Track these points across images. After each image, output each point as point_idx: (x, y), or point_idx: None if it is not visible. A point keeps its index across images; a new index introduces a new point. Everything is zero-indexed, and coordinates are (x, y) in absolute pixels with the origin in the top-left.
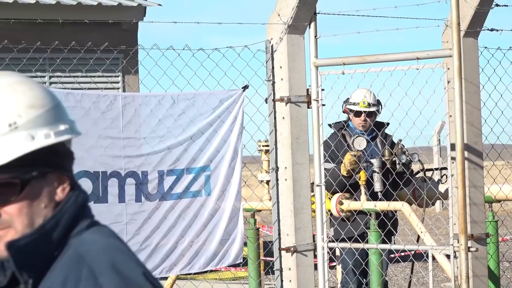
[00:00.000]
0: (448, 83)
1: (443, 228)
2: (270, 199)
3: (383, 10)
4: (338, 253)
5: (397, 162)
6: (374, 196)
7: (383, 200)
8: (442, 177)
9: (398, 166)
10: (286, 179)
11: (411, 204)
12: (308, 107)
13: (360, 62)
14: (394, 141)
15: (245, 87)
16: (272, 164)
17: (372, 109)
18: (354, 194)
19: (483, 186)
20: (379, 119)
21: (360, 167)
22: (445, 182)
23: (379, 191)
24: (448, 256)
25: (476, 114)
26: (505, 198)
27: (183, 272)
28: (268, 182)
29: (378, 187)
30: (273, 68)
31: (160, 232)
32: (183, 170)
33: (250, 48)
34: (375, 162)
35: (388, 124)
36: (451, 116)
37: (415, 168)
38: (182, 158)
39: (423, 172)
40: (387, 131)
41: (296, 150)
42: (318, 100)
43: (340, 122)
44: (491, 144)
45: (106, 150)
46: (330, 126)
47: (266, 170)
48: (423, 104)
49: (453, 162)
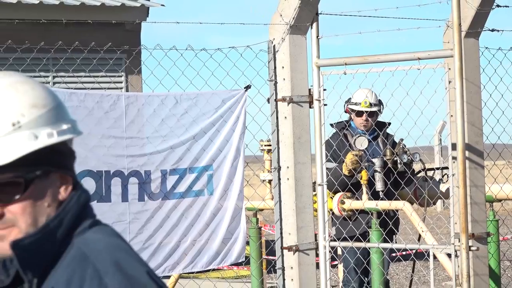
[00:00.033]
0: (449, 83)
1: (444, 227)
2: (272, 198)
3: (384, 10)
4: (339, 252)
5: (398, 162)
6: (376, 196)
7: (385, 200)
8: (443, 176)
9: (400, 166)
10: (288, 179)
11: (412, 203)
12: (310, 107)
13: (361, 62)
14: (396, 140)
15: (247, 87)
16: (274, 163)
17: (374, 109)
18: (355, 193)
19: (484, 185)
20: (381, 119)
21: (362, 167)
22: (446, 182)
23: (381, 191)
24: (449, 255)
25: (477, 114)
26: (506, 197)
27: (186, 270)
28: (270, 182)
29: (379, 186)
30: (275, 68)
31: (163, 231)
32: (186, 170)
33: (253, 48)
34: (377, 162)
35: (389, 124)
36: (452, 116)
37: (417, 167)
38: (185, 157)
39: (424, 172)
40: (389, 130)
41: (298, 150)
42: (320, 100)
43: (342, 122)
44: (492, 144)
45: (109, 149)
46: (332, 126)
47: (268, 170)
48: (424, 104)
49: (454, 162)
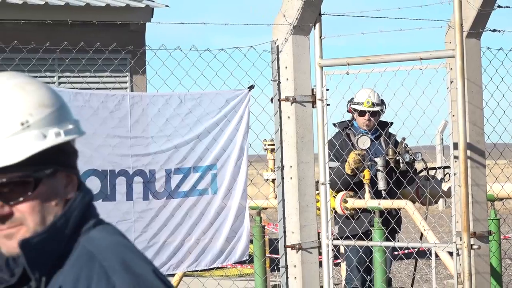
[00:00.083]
0: (451, 83)
1: (446, 226)
2: (276, 197)
3: (387, 11)
4: (342, 250)
5: (400, 161)
6: (378, 195)
7: (387, 199)
8: (445, 175)
9: (402, 165)
10: (291, 178)
11: (414, 202)
12: (313, 107)
13: (364, 62)
14: (398, 140)
15: (251, 87)
16: (278, 162)
17: (376, 108)
18: (358, 192)
19: (486, 184)
20: (383, 119)
21: (364, 166)
22: (448, 181)
23: (383, 190)
24: (451, 254)
25: (479, 113)
26: (507, 196)
27: (190, 269)
28: (273, 181)
29: (382, 185)
30: (278, 68)
31: (167, 229)
32: (190, 169)
33: (256, 48)
34: (379, 161)
35: (391, 123)
36: (454, 115)
37: (419, 166)
38: (189, 157)
39: (426, 171)
40: (391, 130)
41: (301, 149)
42: (323, 100)
43: (345, 121)
44: (493, 143)
45: (114, 149)
46: (334, 125)
47: (272, 169)
48: (426, 103)
49: (456, 161)
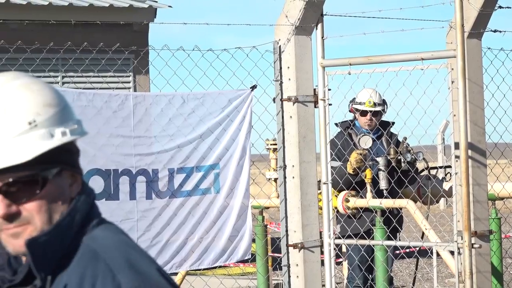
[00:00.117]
0: (452, 83)
1: (447, 225)
2: (278, 197)
3: (388, 11)
4: (344, 249)
5: (402, 161)
6: (380, 194)
7: (389, 198)
8: (446, 175)
9: (403, 165)
10: (294, 177)
11: (415, 201)
12: (315, 107)
13: (366, 62)
14: (399, 140)
15: (253, 87)
16: (280, 162)
17: (378, 108)
18: (360, 191)
19: (487, 184)
20: (385, 118)
21: (366, 165)
22: (449, 180)
23: (385, 189)
24: (452, 253)
25: (480, 113)
26: (508, 195)
27: (193, 267)
28: (276, 180)
29: (383, 185)
30: (281, 68)
31: (170, 228)
32: (193, 168)
33: (258, 48)
34: (381, 161)
35: (393, 123)
36: (455, 115)
37: (420, 166)
38: (192, 156)
39: (427, 170)
40: (393, 130)
41: (303, 149)
42: (325, 100)
43: (347, 121)
44: (494, 143)
45: (118, 148)
46: (336, 125)
47: (274, 168)
48: (427, 103)
49: (457, 161)
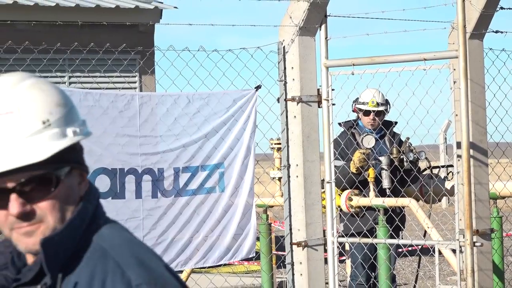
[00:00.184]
0: (454, 83)
1: (449, 224)
2: (282, 195)
3: (391, 12)
4: (347, 247)
5: (404, 160)
6: (383, 193)
7: (391, 197)
8: (448, 174)
9: (406, 164)
10: (298, 176)
11: (418, 200)
12: (318, 107)
13: (369, 63)
14: (402, 139)
15: (258, 87)
16: (284, 161)
17: (381, 108)
18: (363, 190)
19: (488, 183)
20: (388, 118)
21: (369, 165)
22: (451, 179)
23: (387, 188)
24: (454, 251)
25: (481, 113)
26: (509, 194)
27: (198, 265)
28: (280, 179)
29: (386, 184)
30: (285, 68)
31: (175, 227)
32: (198, 167)
33: (263, 49)
34: (384, 160)
35: (396, 123)
36: (457, 115)
37: (422, 165)
38: (197, 155)
39: (430, 170)
40: (395, 129)
41: (307, 148)
42: (328, 100)
43: (350, 121)
44: (495, 142)
45: (124, 147)
46: (340, 125)
47: (278, 167)
48: (430, 103)
49: (459, 160)
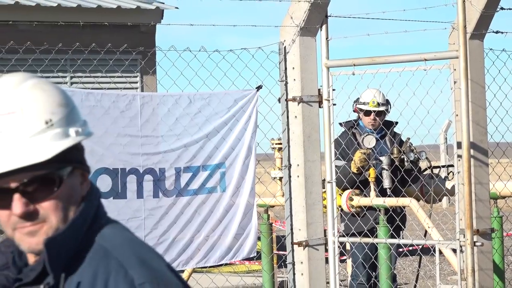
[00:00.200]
0: (455, 84)
1: (449, 223)
2: (283, 195)
3: (392, 13)
4: (348, 247)
5: (405, 160)
6: (383, 193)
7: (392, 196)
8: (448, 174)
9: (406, 164)
10: (298, 176)
11: (418, 200)
12: (319, 107)
13: (369, 63)
14: (403, 139)
15: (259, 87)
16: (285, 161)
17: (381, 108)
18: (363, 190)
19: (489, 183)
20: (388, 118)
21: (370, 165)
22: (451, 179)
23: (388, 188)
24: (454, 250)
25: (482, 113)
26: (509, 194)
27: (199, 265)
28: (281, 179)
29: (387, 183)
30: (286, 69)
31: (177, 227)
32: (199, 167)
33: (264, 49)
34: (384, 160)
35: (396, 123)
36: (457, 115)
37: (423, 165)
38: (198, 155)
39: (430, 169)
40: (396, 129)
41: (308, 148)
42: (329, 100)
43: (351, 121)
44: (496, 142)
45: (125, 147)
46: (340, 125)
47: (279, 167)
48: (430, 103)
49: (459, 160)
